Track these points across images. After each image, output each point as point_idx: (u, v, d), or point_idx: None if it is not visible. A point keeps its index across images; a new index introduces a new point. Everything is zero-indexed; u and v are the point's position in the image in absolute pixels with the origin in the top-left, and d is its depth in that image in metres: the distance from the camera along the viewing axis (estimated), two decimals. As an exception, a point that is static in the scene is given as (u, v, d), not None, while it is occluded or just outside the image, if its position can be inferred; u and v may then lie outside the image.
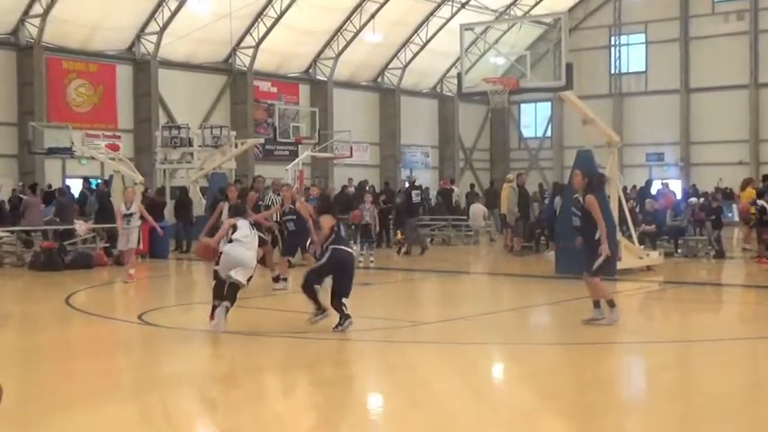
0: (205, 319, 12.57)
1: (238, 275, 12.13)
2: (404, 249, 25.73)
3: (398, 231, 24.74)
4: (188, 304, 15.98)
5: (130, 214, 18.50)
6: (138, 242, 19.36)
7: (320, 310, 12.25)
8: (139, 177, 27.79)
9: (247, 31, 41.17)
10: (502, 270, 22.22)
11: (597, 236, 12.13)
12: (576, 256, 13.66)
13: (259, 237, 13.62)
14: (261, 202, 18.49)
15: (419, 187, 28.85)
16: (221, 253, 12.23)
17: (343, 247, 12.10)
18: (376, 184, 41.08)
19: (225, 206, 16.41)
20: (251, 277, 12.85)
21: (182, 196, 28.63)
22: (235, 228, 12.32)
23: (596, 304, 12.46)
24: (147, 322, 13.15)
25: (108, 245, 23.08)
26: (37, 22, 34.77)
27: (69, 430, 7.55)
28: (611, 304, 12.35)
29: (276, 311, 14.49)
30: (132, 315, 13.88)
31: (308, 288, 12.14)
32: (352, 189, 34.86)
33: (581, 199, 12.41)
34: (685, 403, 8.44)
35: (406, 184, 31.46)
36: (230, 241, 12.20)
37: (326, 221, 12.19)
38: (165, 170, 34.87)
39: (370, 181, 39.21)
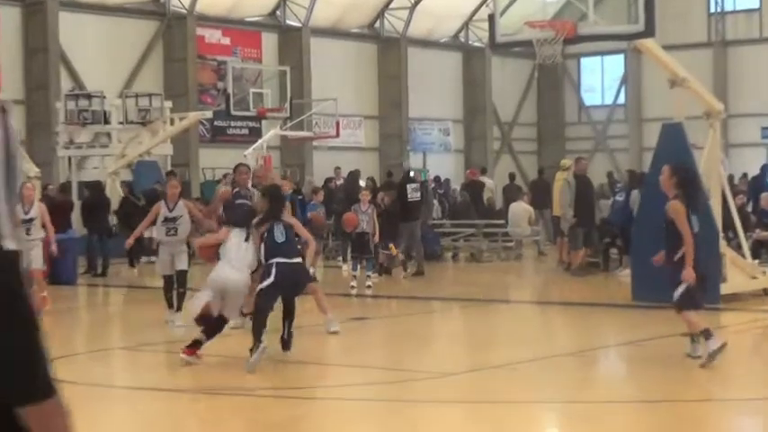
0: (125, 368, 12.59)
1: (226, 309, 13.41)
2: (411, 269, 25.76)
3: (390, 245, 24.61)
4: (103, 350, 16.01)
5: (30, 220, 18.36)
6: (43, 261, 19.37)
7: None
8: (33, 169, 27.83)
9: (187, -42, 41.31)
10: (555, 297, 22.23)
11: (678, 255, 12.70)
12: (660, 275, 13.64)
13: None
14: (242, 200, 18.41)
15: (417, 180, 28.85)
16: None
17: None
18: (375, 175, 41.16)
19: (162, 207, 17.23)
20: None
21: (95, 196, 28.67)
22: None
23: (692, 338, 12.93)
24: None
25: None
26: None
27: None
28: (707, 335, 12.71)
29: (225, 356, 14.53)
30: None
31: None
32: (340, 182, 34.89)
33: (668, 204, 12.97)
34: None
35: (416, 174, 31.41)
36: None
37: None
38: (70, 158, 34.92)
39: (367, 171, 39.30)
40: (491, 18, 20.71)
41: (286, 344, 13.82)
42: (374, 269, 22.78)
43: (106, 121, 34.03)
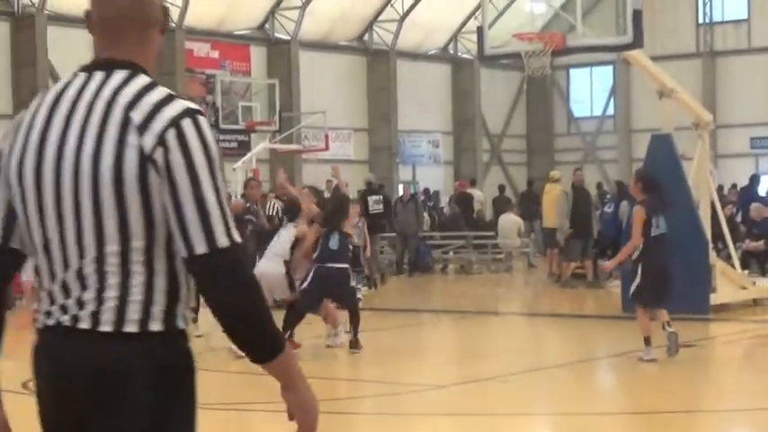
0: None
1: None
2: (377, 282, 25.78)
3: None
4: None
5: None
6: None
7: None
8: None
9: (175, -29, 41.32)
10: (545, 308, 22.23)
11: (635, 255, 13.86)
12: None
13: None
14: (250, 216, 18.44)
15: (379, 191, 28.93)
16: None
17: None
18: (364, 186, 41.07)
19: None
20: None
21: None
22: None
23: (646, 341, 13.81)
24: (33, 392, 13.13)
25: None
26: None
27: None
28: (646, 342, 13.75)
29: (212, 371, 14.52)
30: (14, 382, 13.86)
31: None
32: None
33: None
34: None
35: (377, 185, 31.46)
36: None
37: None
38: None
39: (356, 183, 39.29)
40: (479, 30, 20.77)
41: (353, 344, 15.04)
42: (364, 282, 22.80)
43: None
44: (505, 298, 25.74)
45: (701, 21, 50.04)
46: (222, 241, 3.26)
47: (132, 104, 3.31)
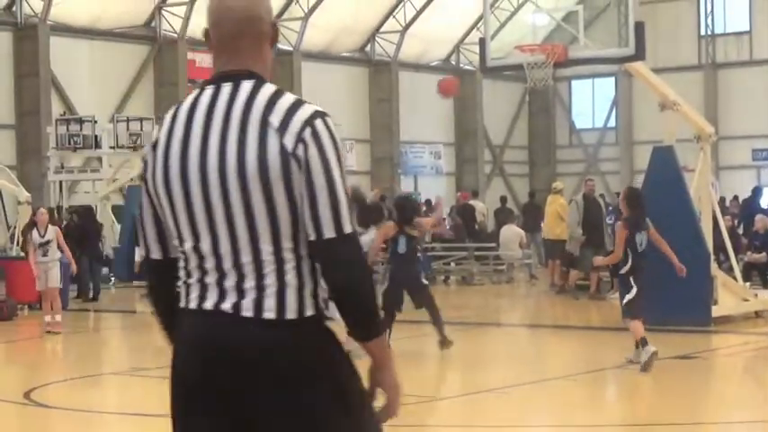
0: (118, 396, 12.57)
1: None
2: None
3: None
4: (94, 376, 16.00)
5: (47, 242, 19.90)
6: (60, 280, 20.52)
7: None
8: (24, 193, 27.85)
9: (177, -18, 41.35)
10: (547, 320, 22.24)
11: (625, 269, 14.34)
12: (651, 296, 13.72)
13: None
14: None
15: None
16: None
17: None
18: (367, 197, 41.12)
19: None
20: None
21: (85, 220, 28.70)
22: None
23: (636, 345, 14.12)
24: (37, 403, 13.16)
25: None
26: None
27: None
28: (644, 343, 14.02)
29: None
30: (17, 393, 13.89)
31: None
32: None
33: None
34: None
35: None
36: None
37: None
38: (61, 182, 34.92)
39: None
40: (482, 42, 20.79)
41: (442, 343, 15.88)
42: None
43: (97, 146, 34.04)
44: (507, 309, 25.74)
45: (702, 33, 50.07)
46: (347, 228, 3.65)
47: (268, 109, 3.69)
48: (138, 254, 23.49)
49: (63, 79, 39.13)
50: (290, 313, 3.65)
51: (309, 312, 3.68)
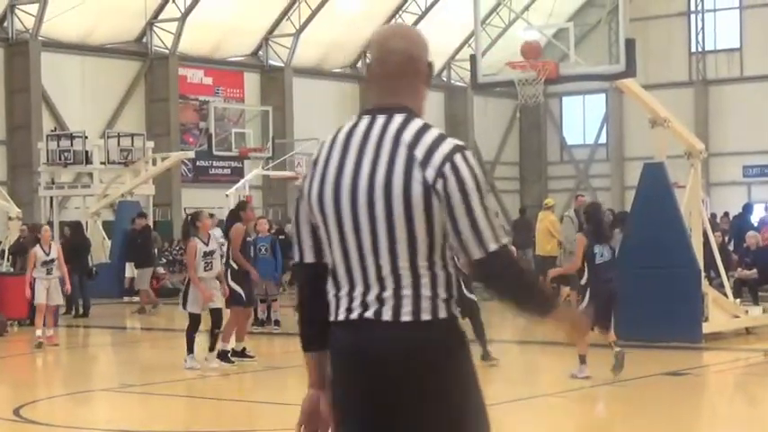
0: (108, 412, 12.54)
1: None
2: None
3: None
4: (84, 392, 15.96)
5: (52, 260, 20.27)
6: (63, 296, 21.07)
7: None
8: (15, 209, 27.80)
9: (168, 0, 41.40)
10: (538, 336, 22.22)
11: (583, 281, 14.76)
12: (642, 313, 13.73)
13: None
14: (250, 239, 18.45)
15: None
16: None
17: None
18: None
19: (198, 242, 16.53)
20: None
21: (75, 236, 28.64)
22: None
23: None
24: (26, 419, 13.13)
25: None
26: None
27: None
28: (582, 360, 14.66)
29: (201, 398, 14.50)
30: (6, 409, 13.86)
31: None
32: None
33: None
34: None
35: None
36: None
37: None
38: (51, 198, 34.89)
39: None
40: (473, 58, 20.80)
41: (484, 358, 16.04)
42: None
43: (88, 162, 34.02)
44: (497, 325, 25.65)
45: (693, 49, 50.20)
46: (492, 247, 4.11)
47: (414, 143, 4.16)
48: (129, 269, 23.89)
49: (54, 95, 39.13)
50: (425, 315, 4.13)
51: (442, 315, 4.16)
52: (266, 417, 13.17)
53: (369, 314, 4.14)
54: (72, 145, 33.91)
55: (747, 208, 34.02)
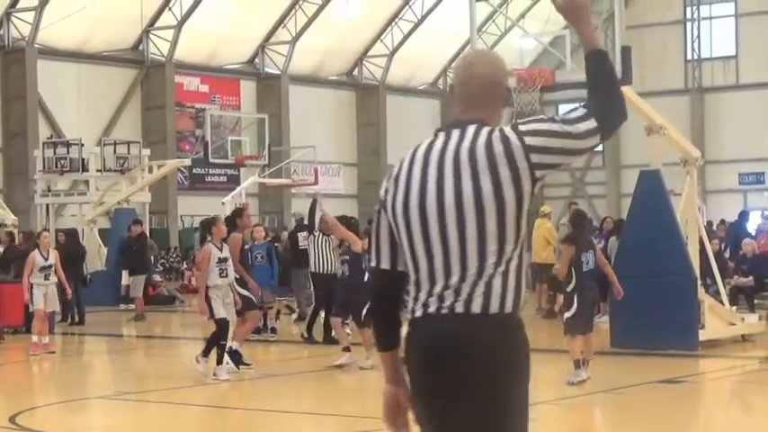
0: (103, 419, 12.52)
1: None
2: (294, 315, 25.75)
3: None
4: (80, 400, 15.95)
5: (50, 266, 20.24)
6: (55, 303, 20.95)
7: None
8: (10, 216, 27.77)
9: (164, 7, 41.40)
10: (533, 344, 22.11)
11: (570, 287, 14.73)
12: (638, 321, 13.72)
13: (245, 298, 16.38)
14: (247, 246, 18.41)
15: (305, 228, 29.13)
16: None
17: None
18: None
19: (212, 248, 16.20)
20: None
21: (70, 244, 28.62)
22: None
23: (576, 365, 14.68)
24: (22, 427, 13.11)
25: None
26: None
27: None
28: (576, 365, 14.70)
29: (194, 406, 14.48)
30: (2, 417, 13.84)
31: None
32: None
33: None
34: None
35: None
36: None
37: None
38: (47, 206, 34.87)
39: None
40: (469, 66, 20.78)
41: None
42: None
43: (84, 169, 34.00)
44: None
45: (689, 57, 50.28)
46: (591, 123, 4.64)
47: (490, 146, 4.47)
48: (125, 277, 23.85)
49: (50, 102, 39.14)
50: (493, 309, 4.45)
51: (508, 310, 4.49)
52: (263, 425, 13.16)
53: (445, 309, 4.49)
54: (68, 152, 33.89)
55: (743, 215, 34.01)
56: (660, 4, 50.15)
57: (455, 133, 4.58)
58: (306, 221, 29.22)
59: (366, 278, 16.43)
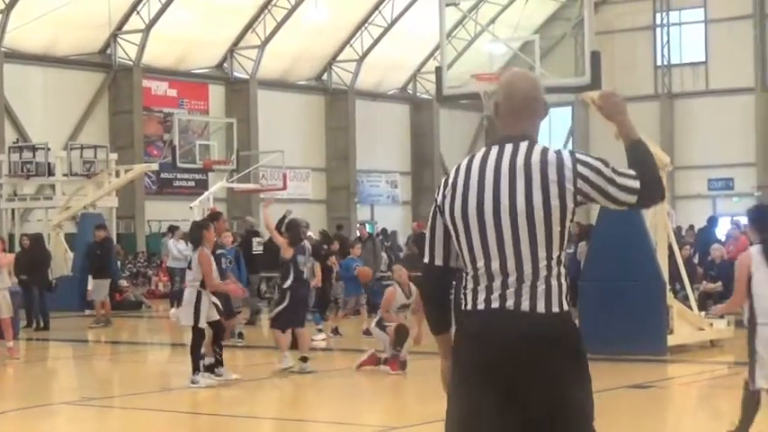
0: (69, 425, 12.46)
1: None
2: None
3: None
4: (45, 405, 15.87)
5: None
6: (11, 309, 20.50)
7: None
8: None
9: (132, 11, 41.27)
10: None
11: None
12: (607, 326, 13.73)
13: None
14: (222, 251, 18.03)
15: (258, 233, 29.36)
16: None
17: None
18: (323, 227, 41.10)
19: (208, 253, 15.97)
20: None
21: (35, 248, 28.46)
22: None
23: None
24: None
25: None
26: None
27: None
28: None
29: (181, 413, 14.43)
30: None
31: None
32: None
33: None
34: None
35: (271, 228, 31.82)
36: None
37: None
38: (13, 210, 34.69)
39: (315, 223, 39.28)
40: (438, 71, 20.83)
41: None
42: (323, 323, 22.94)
43: (50, 173, 33.87)
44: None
45: (659, 63, 50.52)
46: (635, 185, 5.13)
47: (544, 163, 5.03)
48: (91, 283, 23.60)
49: (16, 106, 38.96)
50: (555, 308, 5.00)
51: (565, 308, 5.04)
52: (229, 430, 13.11)
53: (509, 305, 5.01)
54: (34, 157, 33.75)
55: (712, 221, 34.15)
56: (630, 10, 50.37)
57: (508, 147, 5.12)
58: (255, 228, 29.53)
59: (288, 283, 16.62)
